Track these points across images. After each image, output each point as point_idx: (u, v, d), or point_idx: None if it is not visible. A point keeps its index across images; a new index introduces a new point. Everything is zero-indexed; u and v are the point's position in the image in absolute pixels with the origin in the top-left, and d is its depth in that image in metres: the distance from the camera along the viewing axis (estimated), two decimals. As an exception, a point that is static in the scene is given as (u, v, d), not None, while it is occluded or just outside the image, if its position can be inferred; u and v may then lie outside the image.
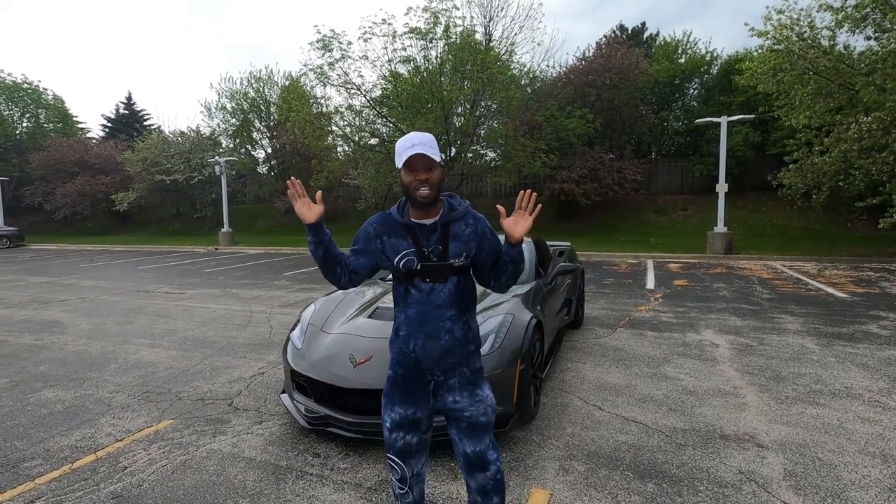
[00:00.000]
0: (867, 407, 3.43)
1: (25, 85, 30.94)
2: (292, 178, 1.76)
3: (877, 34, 11.30)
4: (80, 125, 35.30)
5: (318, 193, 1.79)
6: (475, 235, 1.76)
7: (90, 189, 26.01)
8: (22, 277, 11.42)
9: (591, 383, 3.97)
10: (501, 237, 1.81)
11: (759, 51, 13.56)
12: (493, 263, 1.80)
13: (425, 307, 1.73)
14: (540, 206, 1.73)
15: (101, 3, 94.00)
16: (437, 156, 1.66)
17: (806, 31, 11.75)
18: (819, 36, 11.76)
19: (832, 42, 11.71)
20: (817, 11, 11.66)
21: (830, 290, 8.03)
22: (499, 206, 1.77)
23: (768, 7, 12.10)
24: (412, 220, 1.74)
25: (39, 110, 32.26)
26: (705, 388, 3.82)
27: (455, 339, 1.75)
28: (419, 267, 1.72)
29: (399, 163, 1.67)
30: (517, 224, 1.70)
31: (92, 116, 61.19)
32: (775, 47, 12.14)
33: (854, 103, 11.57)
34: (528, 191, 1.72)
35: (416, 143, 1.63)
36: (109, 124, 34.44)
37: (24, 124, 31.98)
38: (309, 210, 1.75)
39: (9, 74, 30.49)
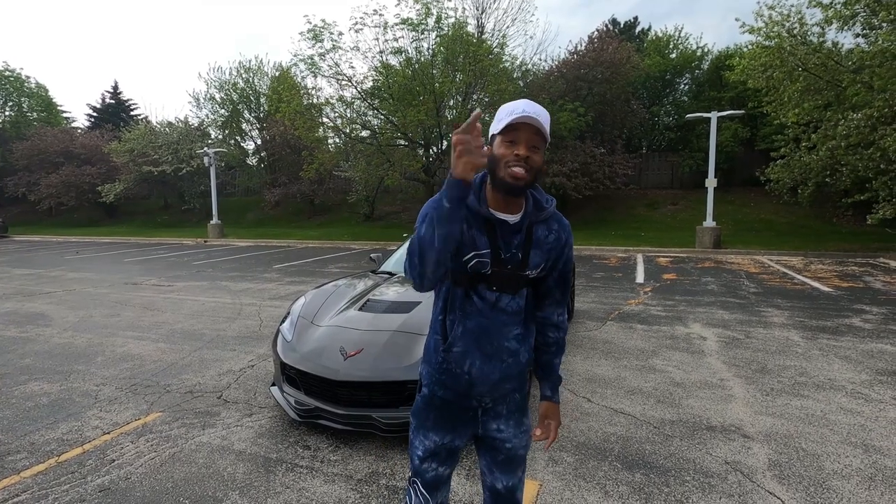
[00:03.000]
0: (850, 398, 3.50)
1: (7, 72, 30.29)
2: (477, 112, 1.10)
3: (865, 32, 11.41)
4: (64, 114, 34.73)
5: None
6: (557, 246, 1.42)
7: (75, 180, 25.57)
8: (6, 269, 11.22)
9: (580, 376, 4.01)
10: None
11: (750, 47, 13.63)
12: (556, 288, 1.49)
13: (489, 321, 1.38)
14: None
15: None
16: (548, 135, 1.29)
17: (796, 28, 11.84)
18: (809, 33, 11.85)
19: (821, 39, 11.81)
20: (807, 7, 11.75)
21: (816, 284, 8.15)
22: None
23: (759, 2, 12.16)
24: (492, 211, 1.35)
25: (22, 99, 31.62)
26: (693, 381, 3.87)
27: (519, 363, 1.44)
28: (489, 272, 1.36)
29: (497, 126, 1.28)
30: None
31: (77, 106, 60.24)
32: (766, 43, 12.22)
33: (841, 100, 11.70)
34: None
35: (528, 110, 1.24)
36: (95, 114, 33.84)
37: (7, 113, 31.36)
38: (477, 161, 1.12)
39: (-10, 62, 29.82)
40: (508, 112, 1.26)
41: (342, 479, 2.56)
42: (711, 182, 13.89)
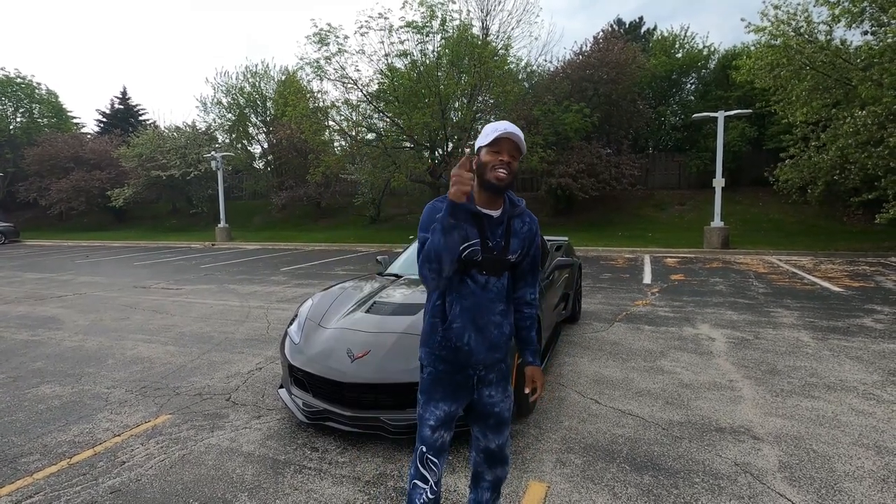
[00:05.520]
0: (861, 399, 3.46)
1: (19, 79, 30.64)
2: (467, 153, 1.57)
3: (874, 28, 11.30)
4: (74, 120, 35.01)
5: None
6: (529, 234, 1.79)
7: (85, 185, 25.82)
8: (17, 273, 11.36)
9: (588, 377, 3.99)
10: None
11: (756, 46, 13.55)
12: (529, 271, 1.85)
13: (480, 300, 1.72)
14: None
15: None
16: (524, 149, 1.68)
17: (803, 26, 11.75)
18: (816, 31, 11.76)
19: (829, 37, 11.71)
20: (814, 6, 11.66)
21: (826, 284, 8.07)
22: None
23: (765, 2, 12.08)
24: (480, 208, 1.70)
25: (33, 105, 31.97)
26: (701, 382, 3.84)
27: (503, 333, 1.77)
28: (480, 258, 1.69)
29: (485, 140, 1.64)
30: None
31: (86, 111, 61.07)
32: (772, 42, 12.14)
33: (851, 98, 11.59)
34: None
35: (509, 129, 1.61)
36: (104, 119, 34.19)
37: (18, 119, 31.70)
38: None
39: (2, 69, 30.23)
40: (494, 129, 1.64)
41: (350, 480, 2.57)
42: (719, 182, 13.80)
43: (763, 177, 14.82)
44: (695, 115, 15.06)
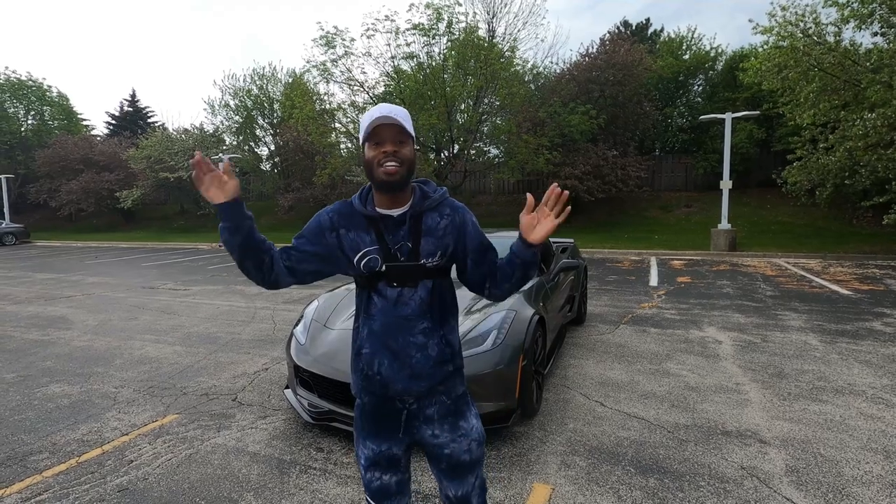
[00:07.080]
0: (870, 403, 3.43)
1: (30, 82, 31.05)
2: (197, 153, 1.31)
3: (883, 30, 11.20)
4: (84, 122, 35.43)
5: (226, 164, 1.36)
6: (453, 229, 1.44)
7: (95, 186, 26.09)
8: (28, 274, 11.49)
9: (593, 379, 3.98)
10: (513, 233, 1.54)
11: (764, 47, 13.47)
12: (478, 263, 1.48)
13: (391, 318, 1.40)
14: (568, 209, 1.37)
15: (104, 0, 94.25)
16: (410, 129, 1.36)
17: (811, 28, 11.66)
18: (824, 32, 11.67)
19: (838, 38, 11.62)
20: (822, 7, 11.58)
21: (835, 287, 8.00)
22: (528, 195, 1.40)
23: (772, 3, 12.01)
24: (377, 209, 1.42)
25: (44, 108, 32.39)
26: (708, 385, 3.82)
27: (429, 357, 1.41)
28: (384, 268, 1.39)
29: (363, 134, 1.36)
30: (539, 224, 1.37)
31: (96, 114, 61.77)
32: (780, 44, 12.06)
33: (860, 100, 11.48)
34: (559, 189, 1.37)
35: (384, 111, 1.33)
36: (113, 122, 34.54)
37: (29, 122, 32.12)
38: (220, 188, 1.32)
39: (14, 72, 30.64)
40: (368, 118, 1.34)
41: (355, 481, 2.58)
42: (726, 184, 13.71)
43: (771, 179, 14.71)
44: (702, 117, 14.97)
